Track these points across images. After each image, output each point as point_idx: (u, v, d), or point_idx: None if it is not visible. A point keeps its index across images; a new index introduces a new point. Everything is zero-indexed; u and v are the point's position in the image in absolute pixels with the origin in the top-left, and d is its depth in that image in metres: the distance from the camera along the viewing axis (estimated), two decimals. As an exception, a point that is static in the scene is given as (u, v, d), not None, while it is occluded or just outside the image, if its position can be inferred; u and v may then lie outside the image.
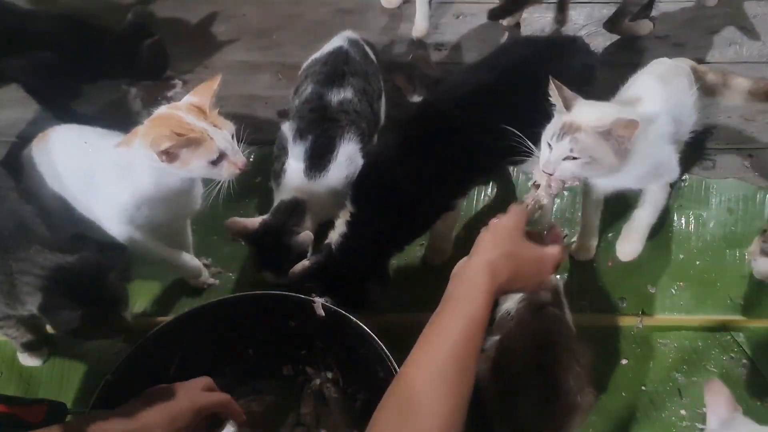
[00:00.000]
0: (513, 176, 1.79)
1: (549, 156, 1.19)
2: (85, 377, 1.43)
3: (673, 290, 1.56)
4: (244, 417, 1.12)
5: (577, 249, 1.60)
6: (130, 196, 1.31)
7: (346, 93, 1.57)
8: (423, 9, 2.17)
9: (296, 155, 1.50)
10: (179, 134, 1.19)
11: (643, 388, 1.40)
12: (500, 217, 0.99)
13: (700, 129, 1.85)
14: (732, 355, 1.44)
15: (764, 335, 1.48)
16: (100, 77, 1.91)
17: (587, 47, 1.55)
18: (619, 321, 1.50)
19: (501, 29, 2.24)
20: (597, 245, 1.60)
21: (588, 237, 1.58)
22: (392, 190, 1.36)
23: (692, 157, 1.80)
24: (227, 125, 1.28)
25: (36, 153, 1.48)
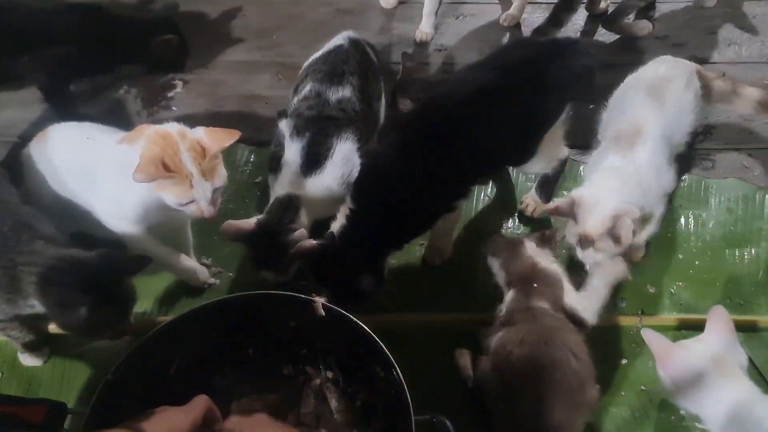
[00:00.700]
0: (513, 177, 1.79)
1: (583, 259, 1.36)
2: (86, 377, 1.43)
3: (673, 290, 1.56)
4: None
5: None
6: (130, 194, 1.31)
7: (345, 91, 1.57)
8: (430, 17, 2.18)
9: (293, 152, 1.50)
10: (166, 166, 1.20)
11: (643, 388, 1.40)
12: None
13: (700, 129, 1.86)
14: (731, 355, 1.44)
15: (764, 335, 1.48)
16: (118, 65, 1.93)
17: (587, 50, 1.55)
18: (619, 321, 1.50)
19: (501, 30, 2.25)
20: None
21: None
22: (392, 190, 1.36)
23: (692, 157, 1.80)
24: (219, 178, 1.27)
25: (35, 151, 1.48)
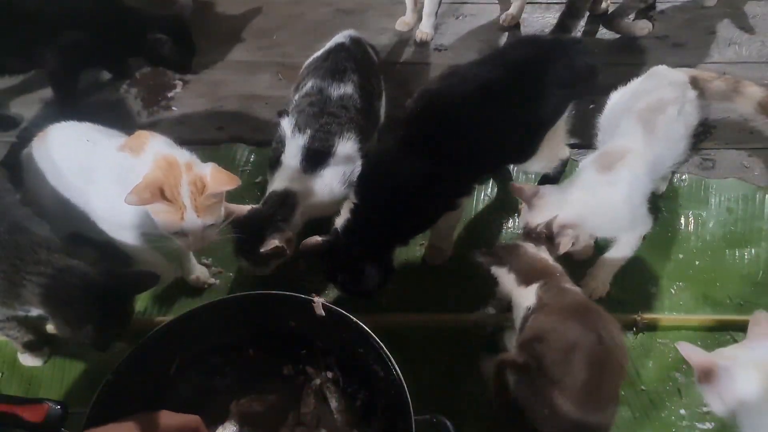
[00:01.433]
0: (513, 176, 1.79)
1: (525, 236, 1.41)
2: (86, 377, 1.43)
3: (673, 290, 1.56)
4: None
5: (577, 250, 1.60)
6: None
7: (347, 88, 1.56)
8: (430, 18, 2.18)
9: (293, 149, 1.50)
10: (162, 193, 1.21)
11: (643, 388, 1.40)
12: None
13: (700, 129, 1.86)
14: (731, 355, 1.44)
15: (764, 335, 1.48)
16: (127, 55, 1.95)
17: (591, 49, 1.55)
18: (619, 321, 1.49)
19: (501, 30, 2.25)
20: (594, 243, 1.61)
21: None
22: (396, 185, 1.36)
23: (692, 157, 1.80)
24: (212, 217, 1.27)
25: (36, 151, 1.47)
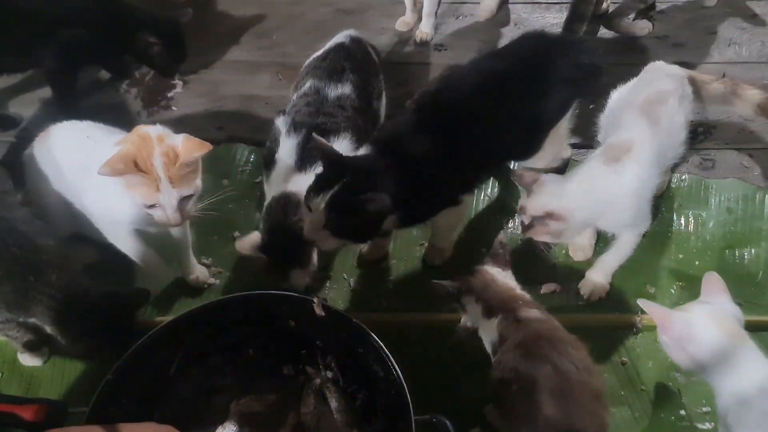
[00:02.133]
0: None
1: (519, 220, 1.41)
2: (86, 377, 1.43)
3: (673, 290, 1.56)
4: None
5: (574, 249, 1.60)
6: (122, 196, 1.30)
7: (345, 88, 1.56)
8: (430, 18, 2.18)
9: (288, 148, 1.49)
10: (136, 165, 1.21)
11: (643, 388, 1.40)
12: None
13: (700, 129, 1.87)
14: (731, 355, 1.44)
15: (763, 335, 1.48)
16: (124, 54, 1.95)
17: (596, 48, 1.54)
18: (619, 321, 1.50)
19: (501, 30, 2.25)
20: (595, 244, 1.61)
21: (585, 236, 1.59)
22: (406, 157, 1.32)
23: (692, 157, 1.80)
24: (188, 187, 1.26)
25: (37, 151, 1.47)
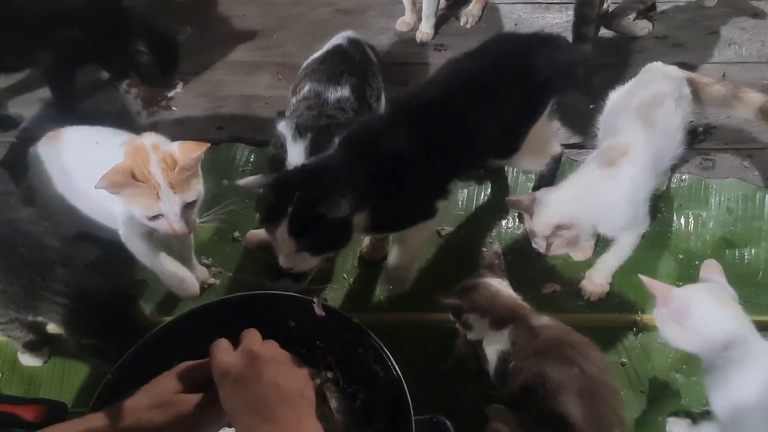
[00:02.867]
0: (513, 177, 1.79)
1: (536, 246, 1.42)
2: (86, 377, 1.43)
3: (673, 290, 1.56)
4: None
5: (574, 250, 1.60)
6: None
7: (344, 91, 1.56)
8: (430, 19, 2.18)
9: (296, 153, 1.49)
10: (133, 176, 1.20)
11: (642, 390, 1.40)
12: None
13: (700, 129, 1.87)
14: (731, 355, 1.44)
15: (764, 335, 1.47)
16: (114, 57, 1.92)
17: (569, 43, 1.53)
18: (619, 321, 1.50)
19: (501, 30, 2.25)
20: (595, 244, 1.61)
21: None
22: (380, 154, 1.28)
23: (691, 158, 1.80)
24: (190, 193, 1.26)
25: (44, 152, 1.47)
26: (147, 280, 1.35)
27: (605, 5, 2.24)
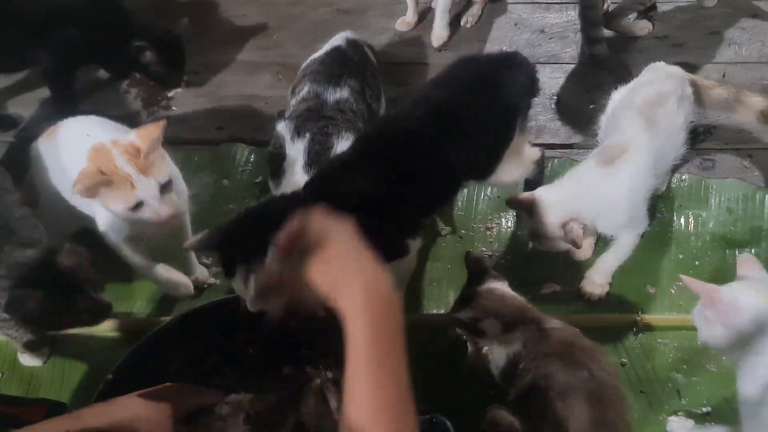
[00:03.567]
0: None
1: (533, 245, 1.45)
2: (86, 377, 1.43)
3: (673, 290, 1.56)
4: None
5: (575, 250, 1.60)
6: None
7: (343, 92, 1.56)
8: (444, 18, 2.18)
9: (295, 153, 1.49)
10: (103, 173, 1.21)
11: (643, 389, 1.40)
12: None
13: (700, 129, 1.86)
14: (732, 355, 1.44)
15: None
16: (118, 60, 1.91)
17: (526, 60, 1.50)
18: (619, 321, 1.50)
19: (501, 30, 2.24)
20: (595, 244, 1.61)
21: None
22: (349, 192, 1.23)
23: (692, 158, 1.80)
24: (161, 173, 1.26)
25: (43, 148, 1.47)
26: (111, 304, 1.28)
27: (605, 5, 2.24)
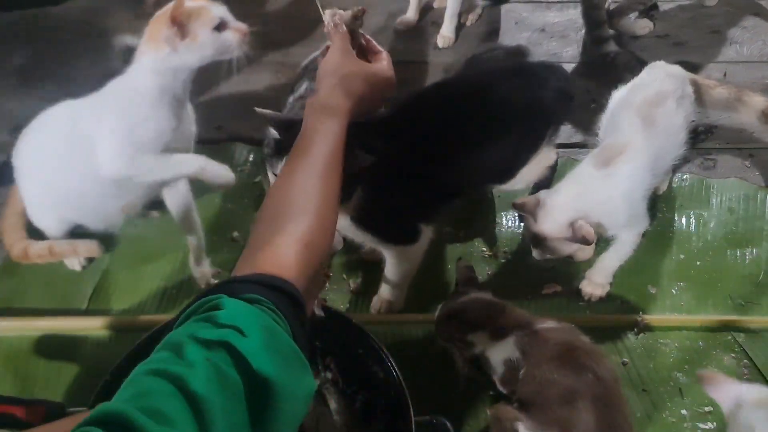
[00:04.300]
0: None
1: (535, 255, 1.41)
2: (84, 377, 1.42)
3: (674, 290, 1.55)
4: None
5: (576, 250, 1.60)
6: (135, 118, 1.30)
7: None
8: (453, 21, 2.18)
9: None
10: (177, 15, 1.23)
11: (644, 389, 1.40)
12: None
13: (701, 129, 1.86)
14: (733, 355, 1.43)
15: (764, 335, 1.47)
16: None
17: (569, 76, 1.50)
18: (620, 321, 1.50)
19: (500, 30, 2.24)
20: (595, 245, 1.60)
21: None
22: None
23: (692, 157, 1.80)
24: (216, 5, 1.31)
25: (19, 153, 1.44)
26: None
27: (606, 4, 2.24)
